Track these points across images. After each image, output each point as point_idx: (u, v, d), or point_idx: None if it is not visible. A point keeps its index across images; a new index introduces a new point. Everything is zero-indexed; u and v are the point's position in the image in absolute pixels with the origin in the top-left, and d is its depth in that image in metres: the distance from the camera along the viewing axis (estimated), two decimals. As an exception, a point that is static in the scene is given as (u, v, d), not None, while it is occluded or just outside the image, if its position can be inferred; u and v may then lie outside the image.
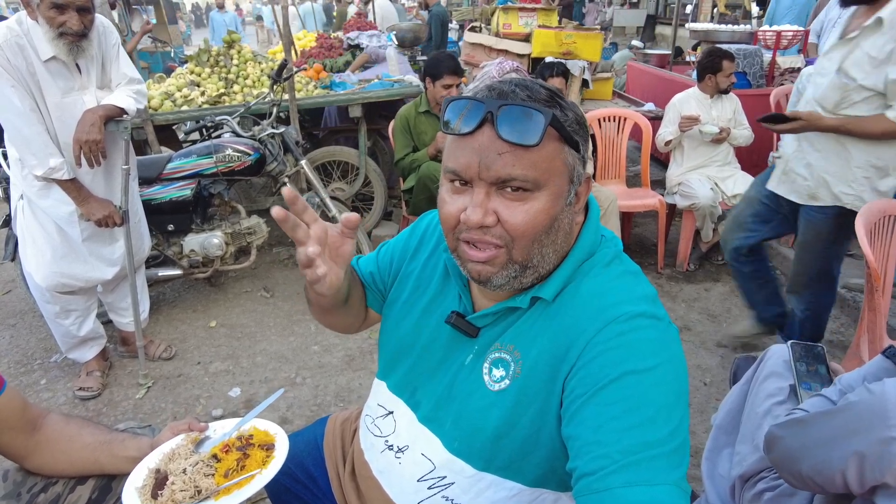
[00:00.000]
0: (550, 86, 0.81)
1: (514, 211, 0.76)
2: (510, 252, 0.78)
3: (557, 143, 0.76)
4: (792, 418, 1.03)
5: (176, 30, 9.11)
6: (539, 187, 0.75)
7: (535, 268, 0.81)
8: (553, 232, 0.79)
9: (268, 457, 0.94)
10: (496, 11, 4.60)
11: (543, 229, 0.77)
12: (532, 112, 0.72)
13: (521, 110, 0.72)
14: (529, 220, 0.76)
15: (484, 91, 0.78)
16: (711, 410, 2.27)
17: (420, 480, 0.90)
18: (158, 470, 0.93)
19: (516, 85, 0.78)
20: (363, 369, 2.59)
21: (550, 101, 0.77)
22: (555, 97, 0.78)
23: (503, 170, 0.74)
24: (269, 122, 3.07)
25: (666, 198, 3.51)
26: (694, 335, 2.86)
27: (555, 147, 0.76)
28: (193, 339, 2.86)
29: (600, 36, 4.23)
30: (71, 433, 1.06)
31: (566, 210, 0.80)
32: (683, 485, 0.68)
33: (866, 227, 1.91)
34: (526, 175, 0.74)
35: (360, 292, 1.07)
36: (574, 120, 0.78)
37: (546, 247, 0.80)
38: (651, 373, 0.72)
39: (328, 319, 1.06)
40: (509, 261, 0.79)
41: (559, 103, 0.78)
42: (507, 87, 0.77)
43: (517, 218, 0.76)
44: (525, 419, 0.81)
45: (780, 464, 1.06)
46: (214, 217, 3.06)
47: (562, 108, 0.78)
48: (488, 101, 0.74)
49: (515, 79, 0.80)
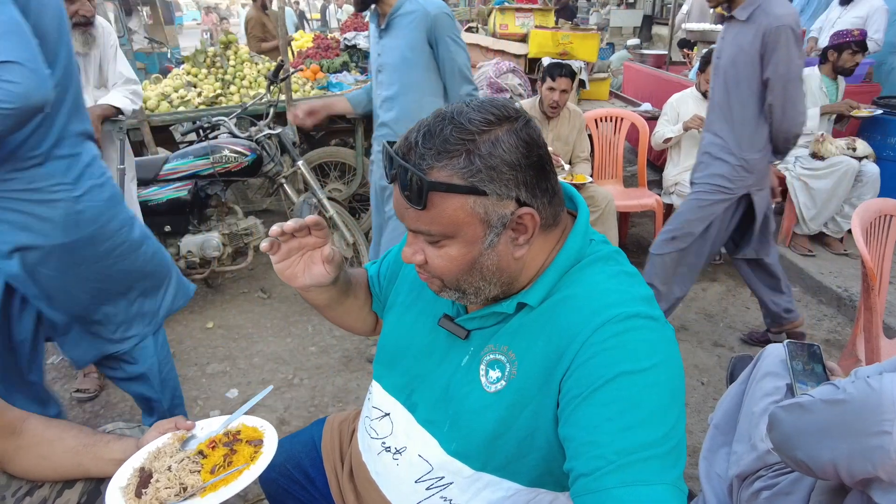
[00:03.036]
0: (478, 120, 0.75)
1: (433, 254, 0.82)
2: (443, 282, 0.85)
3: (456, 197, 0.75)
4: (795, 401, 1.04)
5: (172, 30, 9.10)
6: (447, 237, 0.79)
7: (474, 294, 0.84)
8: (476, 271, 0.81)
9: (256, 452, 0.92)
10: (493, 12, 4.60)
11: (462, 271, 0.81)
12: (414, 177, 0.74)
13: (408, 174, 0.74)
14: (446, 264, 0.81)
15: (402, 141, 0.79)
16: (708, 410, 2.27)
17: (418, 482, 0.90)
18: (143, 468, 0.91)
19: (426, 135, 0.75)
20: (360, 370, 2.59)
21: (457, 149, 0.74)
22: (466, 143, 0.74)
23: (412, 224, 0.80)
24: (266, 123, 3.07)
25: (663, 198, 3.52)
26: (691, 335, 2.86)
27: (453, 203, 0.75)
28: (190, 341, 2.86)
29: (597, 36, 4.24)
30: (52, 437, 1.03)
31: (488, 252, 0.79)
32: (680, 484, 0.69)
33: (862, 226, 1.91)
34: (430, 230, 0.78)
35: (363, 296, 1.12)
36: (483, 166, 0.74)
37: (475, 282, 0.83)
38: (647, 373, 0.72)
39: (331, 318, 1.12)
40: (444, 287, 0.85)
41: (468, 149, 0.74)
42: (414, 138, 0.76)
43: (435, 262, 0.82)
44: (521, 420, 0.81)
45: (779, 445, 1.06)
46: (211, 218, 3.06)
47: (469, 154, 0.74)
48: (395, 158, 0.76)
49: (435, 120, 0.77)
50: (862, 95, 3.81)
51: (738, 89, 2.19)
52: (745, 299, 3.21)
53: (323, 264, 0.94)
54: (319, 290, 0.98)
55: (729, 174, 2.29)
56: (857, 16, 4.45)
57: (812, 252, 3.49)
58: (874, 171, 3.30)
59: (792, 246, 3.57)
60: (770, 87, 2.10)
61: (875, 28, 4.30)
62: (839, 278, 3.21)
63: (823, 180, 3.34)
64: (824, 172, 3.34)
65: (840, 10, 4.65)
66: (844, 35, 3.39)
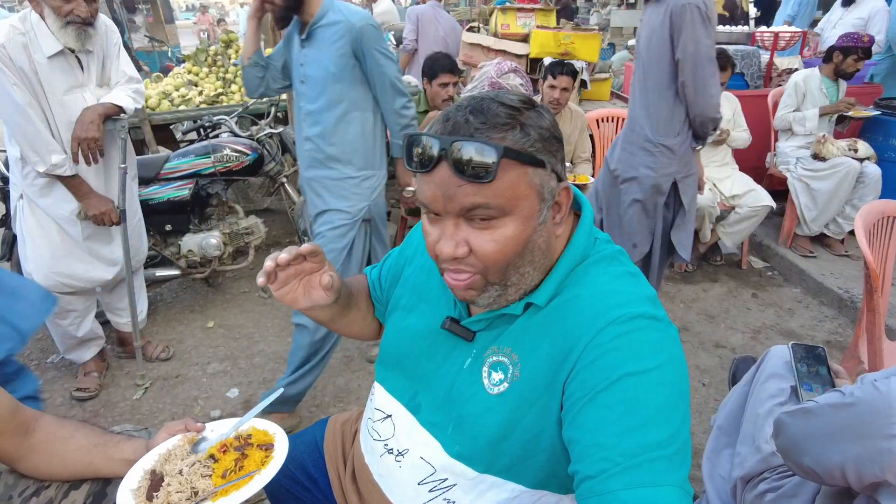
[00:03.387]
0: (513, 99, 0.77)
1: (484, 240, 0.76)
2: (486, 277, 0.79)
3: (518, 167, 0.74)
4: (801, 407, 1.03)
5: (173, 29, 9.09)
6: (505, 213, 0.75)
7: (516, 286, 0.81)
8: (528, 253, 0.79)
9: (267, 457, 0.92)
10: (494, 12, 4.59)
11: (515, 254, 0.78)
12: (483, 147, 0.71)
13: (472, 146, 0.71)
14: (499, 248, 0.76)
15: (439, 124, 0.77)
16: (710, 411, 2.27)
17: (421, 484, 0.90)
18: (154, 471, 0.91)
19: (472, 112, 0.75)
20: (362, 370, 2.59)
21: (510, 123, 0.75)
22: (515, 116, 0.75)
23: (465, 199, 0.74)
24: (267, 122, 3.07)
25: (664, 198, 3.52)
26: (692, 336, 2.86)
27: (516, 173, 0.74)
28: (191, 340, 2.85)
29: (598, 36, 4.24)
30: (64, 435, 1.04)
31: (540, 229, 0.79)
32: (686, 486, 0.68)
33: (865, 228, 1.91)
34: (489, 203, 0.74)
35: (365, 306, 1.12)
36: (538, 137, 0.75)
37: (523, 267, 0.80)
38: (651, 374, 0.72)
39: (335, 330, 1.11)
40: (487, 284, 0.80)
41: (520, 122, 0.75)
42: (461, 117, 0.75)
43: (487, 247, 0.76)
44: (525, 422, 0.81)
45: (785, 452, 1.06)
46: (212, 217, 3.05)
47: (523, 126, 0.75)
48: (442, 137, 0.73)
49: (474, 101, 0.77)
50: (863, 97, 3.81)
51: (653, 72, 2.14)
52: (746, 300, 3.21)
53: (322, 290, 0.94)
54: (321, 310, 0.98)
55: (651, 163, 2.24)
56: (859, 17, 4.46)
57: (813, 253, 3.49)
58: (875, 173, 3.30)
59: (793, 247, 3.57)
60: (681, 69, 2.05)
61: (877, 29, 4.31)
62: (840, 279, 3.21)
63: (825, 181, 3.34)
64: (826, 174, 3.33)
65: (842, 10, 4.66)
66: (855, 39, 3.35)
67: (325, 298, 0.94)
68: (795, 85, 3.52)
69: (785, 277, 3.49)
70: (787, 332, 2.90)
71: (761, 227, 3.59)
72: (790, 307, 3.16)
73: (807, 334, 2.89)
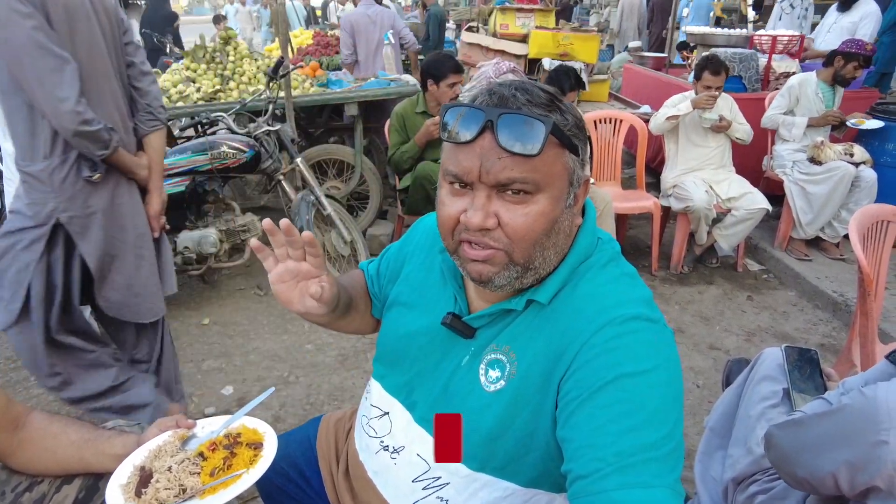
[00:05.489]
0: (549, 88, 0.80)
1: (515, 214, 0.76)
2: (511, 255, 0.78)
3: (557, 147, 0.76)
4: (789, 419, 1.04)
5: (172, 25, 9.05)
6: (539, 190, 0.75)
7: (536, 270, 0.80)
8: (553, 234, 0.79)
9: (255, 456, 0.92)
10: (493, 12, 4.60)
11: (543, 232, 0.77)
12: (532, 121, 0.72)
13: (522, 119, 0.72)
14: (530, 222, 0.76)
15: (484, 96, 0.77)
16: (704, 413, 2.28)
17: (415, 481, 0.90)
18: (143, 467, 0.91)
19: (516, 89, 0.76)
20: (357, 368, 2.59)
21: (550, 106, 0.77)
22: (555, 101, 0.78)
23: (503, 173, 0.73)
24: (264, 120, 3.06)
25: (661, 200, 3.53)
26: (687, 337, 2.87)
27: (555, 152, 0.76)
28: (186, 337, 2.84)
29: (597, 38, 4.26)
30: (55, 430, 1.04)
31: (566, 212, 0.80)
32: (678, 487, 0.69)
33: (859, 231, 1.92)
34: (526, 178, 0.74)
35: (363, 306, 1.11)
36: (574, 124, 0.78)
37: (547, 249, 0.79)
38: (646, 375, 0.72)
39: (333, 329, 1.10)
40: (510, 262, 0.78)
41: (559, 107, 0.77)
42: (507, 92, 0.76)
43: (517, 221, 0.76)
44: (520, 420, 0.81)
45: (778, 464, 1.07)
46: (208, 214, 3.04)
47: (561, 111, 0.77)
48: (488, 109, 0.74)
49: (515, 81, 0.79)
50: (860, 101, 3.82)
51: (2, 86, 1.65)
52: (741, 303, 3.22)
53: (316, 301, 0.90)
54: (317, 315, 0.94)
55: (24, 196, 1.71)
56: (851, 20, 4.51)
57: (809, 256, 3.51)
58: (871, 177, 3.31)
59: (789, 250, 3.58)
60: None
61: (864, 32, 4.36)
62: (835, 283, 3.22)
63: (820, 185, 3.35)
64: (821, 177, 3.34)
65: (837, 14, 4.69)
66: (859, 46, 3.34)
67: (318, 308, 0.90)
68: (790, 88, 3.52)
69: (780, 280, 3.50)
70: (781, 335, 2.91)
71: (757, 230, 3.60)
72: (785, 310, 3.17)
73: (801, 337, 2.91)
